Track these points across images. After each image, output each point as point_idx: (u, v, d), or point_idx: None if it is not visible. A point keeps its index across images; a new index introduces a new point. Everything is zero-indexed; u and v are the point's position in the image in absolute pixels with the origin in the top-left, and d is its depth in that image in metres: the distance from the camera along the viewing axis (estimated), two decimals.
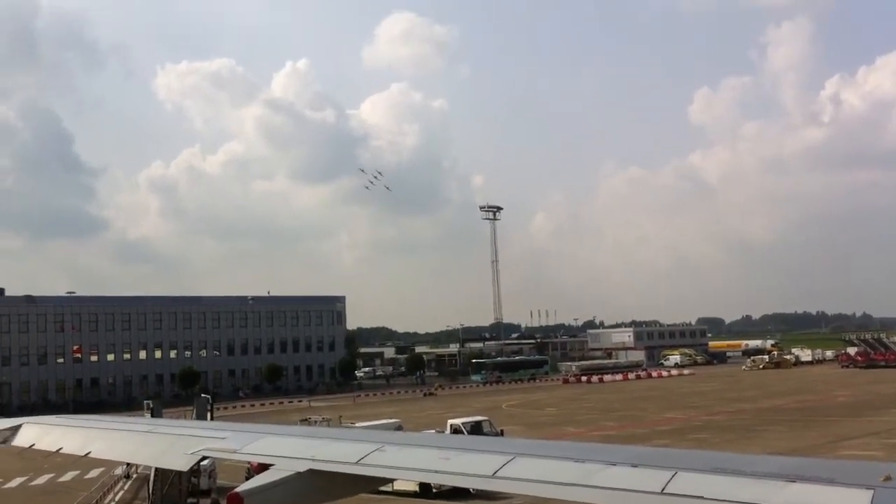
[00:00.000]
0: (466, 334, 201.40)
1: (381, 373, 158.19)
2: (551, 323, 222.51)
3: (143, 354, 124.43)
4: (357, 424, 52.33)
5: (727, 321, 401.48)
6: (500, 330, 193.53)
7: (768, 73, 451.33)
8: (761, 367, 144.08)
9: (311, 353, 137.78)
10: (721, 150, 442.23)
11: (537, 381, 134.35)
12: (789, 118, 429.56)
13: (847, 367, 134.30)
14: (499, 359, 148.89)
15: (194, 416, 61.75)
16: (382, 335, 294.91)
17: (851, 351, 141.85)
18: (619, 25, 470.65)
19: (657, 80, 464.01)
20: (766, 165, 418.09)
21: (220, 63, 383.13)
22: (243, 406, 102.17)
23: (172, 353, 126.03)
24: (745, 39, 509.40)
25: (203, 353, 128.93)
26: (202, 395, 64.58)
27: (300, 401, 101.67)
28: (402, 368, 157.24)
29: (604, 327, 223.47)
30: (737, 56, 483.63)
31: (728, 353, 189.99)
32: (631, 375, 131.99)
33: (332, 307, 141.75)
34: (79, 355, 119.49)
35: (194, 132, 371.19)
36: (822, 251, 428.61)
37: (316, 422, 60.23)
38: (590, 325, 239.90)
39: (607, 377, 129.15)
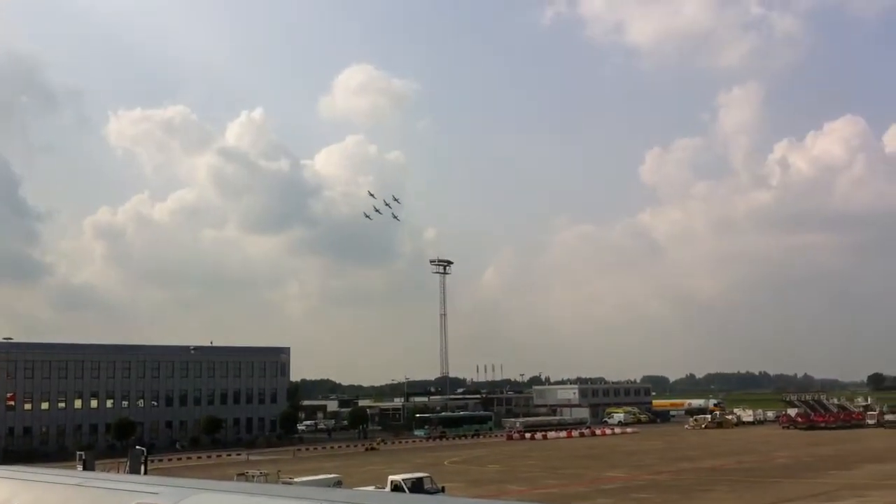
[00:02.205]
0: (412, 388, 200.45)
1: (323, 426, 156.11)
2: (498, 378, 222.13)
3: (78, 403, 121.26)
4: (296, 480, 51.45)
5: (671, 379, 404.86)
6: (446, 384, 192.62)
7: (719, 135, 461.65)
8: (704, 426, 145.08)
9: (253, 405, 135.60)
10: (671, 209, 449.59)
11: (481, 436, 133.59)
12: (738, 180, 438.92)
13: (788, 428, 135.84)
14: (443, 414, 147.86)
15: (128, 468, 60.27)
16: (326, 388, 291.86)
17: (792, 412, 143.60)
18: (577, 84, 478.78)
19: (612, 139, 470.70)
20: (715, 226, 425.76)
21: (175, 110, 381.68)
22: (180, 459, 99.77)
23: (109, 403, 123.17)
24: (699, 102, 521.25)
25: (140, 403, 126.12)
26: (137, 446, 63.10)
27: (239, 454, 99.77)
28: (345, 422, 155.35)
29: (550, 383, 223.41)
30: (689, 118, 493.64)
31: (671, 412, 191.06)
32: (575, 433, 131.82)
33: (275, 358, 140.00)
34: (12, 403, 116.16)
35: (144, 179, 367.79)
36: (767, 312, 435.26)
37: (254, 476, 59.08)
38: (536, 380, 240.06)
39: (551, 434, 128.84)
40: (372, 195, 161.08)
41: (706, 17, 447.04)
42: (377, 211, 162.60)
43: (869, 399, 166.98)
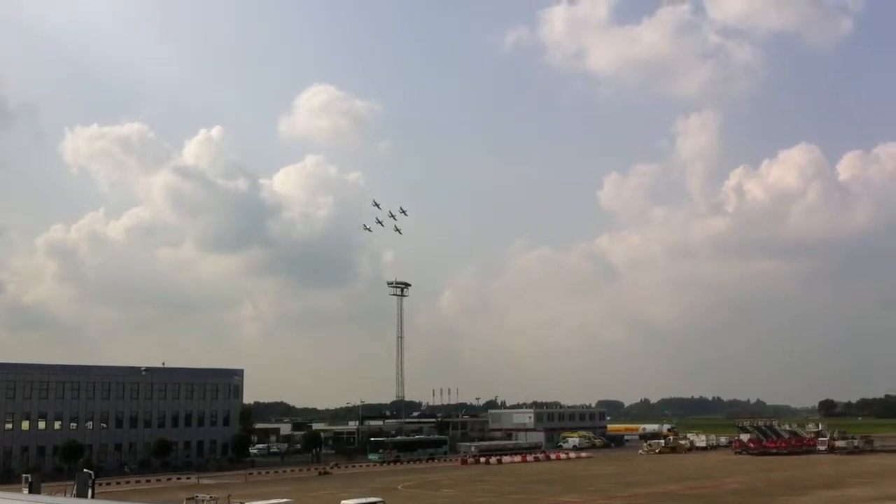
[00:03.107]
0: (367, 411, 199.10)
1: (275, 450, 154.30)
2: (453, 401, 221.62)
3: (25, 425, 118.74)
4: None
5: (626, 404, 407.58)
6: (402, 408, 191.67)
7: (676, 161, 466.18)
8: (657, 451, 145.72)
9: (204, 427, 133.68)
10: (628, 234, 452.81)
11: (436, 461, 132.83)
12: (695, 206, 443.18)
13: (740, 453, 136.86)
14: (397, 437, 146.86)
15: (75, 492, 58.98)
16: (280, 411, 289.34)
17: (745, 437, 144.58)
18: (538, 109, 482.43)
19: (571, 163, 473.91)
20: (671, 251, 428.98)
21: (132, 127, 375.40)
22: (128, 482, 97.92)
23: (57, 424, 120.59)
24: (657, 129, 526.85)
25: (90, 425, 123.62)
26: (84, 469, 61.80)
27: (189, 477, 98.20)
28: (298, 445, 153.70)
29: (505, 407, 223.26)
30: (648, 144, 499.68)
31: (626, 437, 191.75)
32: (529, 457, 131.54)
33: (228, 380, 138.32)
34: None
35: (100, 196, 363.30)
36: (721, 337, 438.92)
37: (203, 501, 58.30)
38: (492, 404, 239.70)
39: (506, 458, 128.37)
40: (377, 205, 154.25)
41: (665, 45, 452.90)
42: (379, 223, 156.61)
43: (820, 425, 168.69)
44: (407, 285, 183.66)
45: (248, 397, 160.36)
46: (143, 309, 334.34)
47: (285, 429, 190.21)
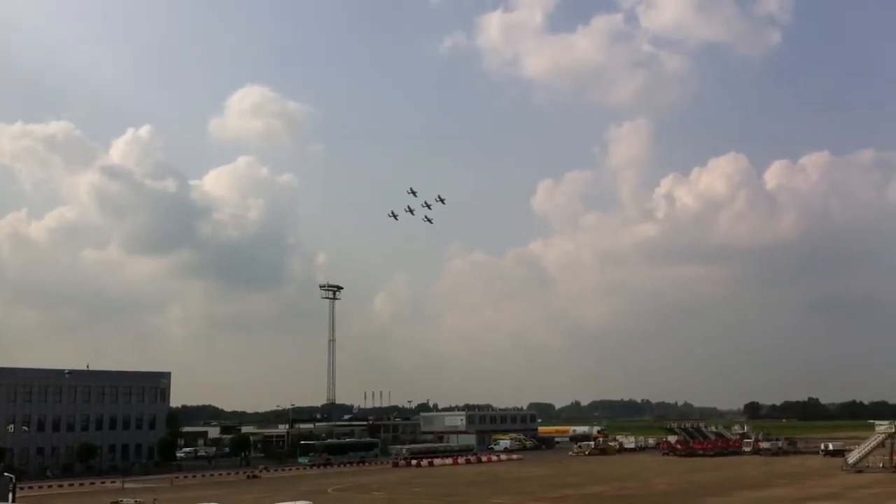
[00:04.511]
0: (298, 415, 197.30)
1: (203, 453, 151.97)
2: (385, 404, 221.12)
3: None
4: None
5: (557, 407, 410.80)
6: (333, 411, 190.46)
7: (608, 168, 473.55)
8: (587, 452, 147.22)
9: (130, 431, 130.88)
10: (561, 239, 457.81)
11: (367, 464, 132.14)
12: (626, 212, 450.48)
13: (668, 454, 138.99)
14: (328, 441, 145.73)
15: None
16: (208, 414, 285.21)
17: (672, 439, 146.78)
18: (473, 114, 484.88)
19: (505, 169, 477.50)
20: (603, 257, 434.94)
21: (58, 126, 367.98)
22: (51, 486, 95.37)
23: None
24: (590, 135, 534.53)
25: (11, 428, 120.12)
26: (5, 473, 59.88)
27: (114, 482, 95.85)
28: (227, 449, 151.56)
29: (437, 410, 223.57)
30: (581, 151, 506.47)
31: (556, 439, 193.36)
32: (461, 459, 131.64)
33: (155, 384, 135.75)
34: None
35: (22, 196, 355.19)
36: (650, 341, 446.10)
37: None
38: (424, 407, 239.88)
39: (437, 461, 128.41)
40: (413, 193, 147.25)
41: (599, 53, 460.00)
42: (409, 211, 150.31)
43: (745, 427, 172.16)
44: (339, 288, 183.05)
45: (176, 401, 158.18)
46: (67, 311, 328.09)
47: (213, 432, 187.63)
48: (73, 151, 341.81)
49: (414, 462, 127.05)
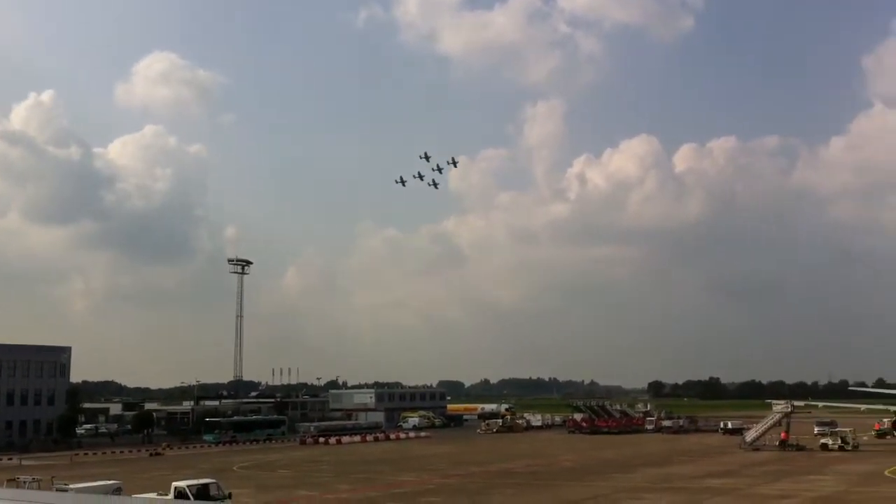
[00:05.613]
0: (203, 391, 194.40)
1: (104, 430, 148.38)
2: (294, 381, 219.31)
3: None
4: (71, 486, 48.38)
5: (467, 384, 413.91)
6: (240, 388, 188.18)
7: (523, 147, 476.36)
8: (495, 430, 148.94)
9: (28, 407, 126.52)
10: (475, 217, 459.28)
11: (274, 441, 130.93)
12: (539, 192, 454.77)
13: (573, 432, 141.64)
14: (234, 418, 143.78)
15: None
16: (111, 390, 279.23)
17: (578, 417, 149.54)
18: (388, 88, 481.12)
19: (420, 144, 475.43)
20: (515, 235, 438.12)
21: None
22: None
23: None
24: (506, 114, 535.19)
25: None
26: None
27: (10, 458, 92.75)
28: (129, 426, 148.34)
29: (347, 388, 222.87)
30: (496, 129, 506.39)
31: (465, 417, 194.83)
32: (369, 437, 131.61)
33: (55, 358, 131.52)
34: None
35: None
36: (559, 320, 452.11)
37: (26, 483, 55.46)
38: (333, 385, 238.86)
39: (345, 439, 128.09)
40: (427, 157, 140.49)
41: (516, 31, 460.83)
42: (419, 177, 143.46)
43: (649, 405, 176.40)
44: (248, 263, 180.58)
45: (76, 376, 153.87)
46: None
47: (115, 409, 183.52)
48: None
49: (322, 440, 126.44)
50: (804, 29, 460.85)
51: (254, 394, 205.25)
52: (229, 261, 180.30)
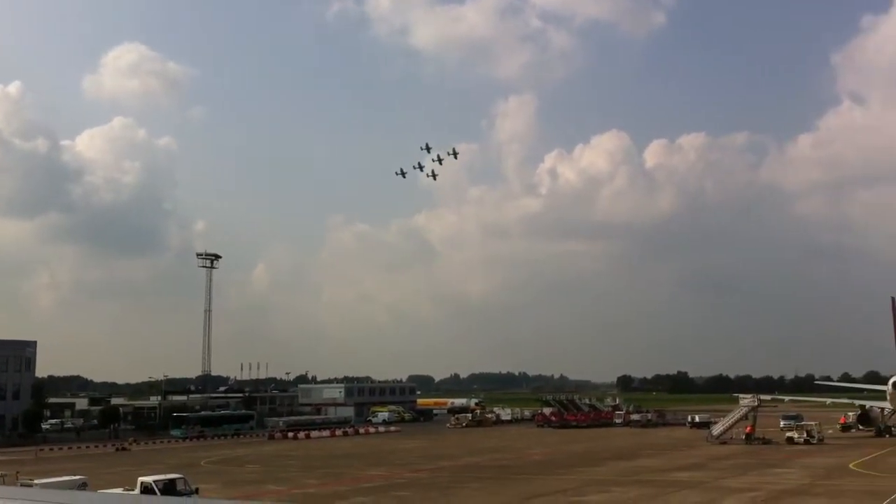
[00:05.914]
0: (171, 386, 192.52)
1: (70, 425, 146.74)
2: (263, 376, 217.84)
3: None
4: (36, 482, 47.84)
5: (437, 379, 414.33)
6: (208, 382, 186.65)
7: (495, 142, 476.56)
8: (464, 424, 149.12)
9: None
10: (446, 212, 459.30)
11: (242, 436, 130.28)
12: (510, 187, 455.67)
13: (543, 426, 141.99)
14: (202, 413, 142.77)
15: None
16: (77, 385, 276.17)
17: (547, 411, 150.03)
18: (359, 82, 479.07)
19: (391, 139, 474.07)
20: (486, 230, 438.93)
21: None
22: None
23: None
24: (478, 109, 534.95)
25: None
26: None
27: None
28: (95, 421, 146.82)
29: (316, 382, 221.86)
30: (468, 123, 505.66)
31: (435, 411, 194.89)
32: (339, 432, 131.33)
33: (20, 352, 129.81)
34: None
35: None
36: (529, 315, 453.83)
37: None
38: (302, 379, 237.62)
39: (315, 433, 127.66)
40: (428, 149, 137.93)
41: (487, 26, 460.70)
42: (418, 167, 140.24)
43: (617, 399, 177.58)
44: (217, 257, 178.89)
45: (42, 370, 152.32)
46: None
47: (81, 403, 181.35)
48: None
49: (290, 434, 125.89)
50: (774, 26, 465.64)
51: (222, 388, 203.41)
52: (198, 255, 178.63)
